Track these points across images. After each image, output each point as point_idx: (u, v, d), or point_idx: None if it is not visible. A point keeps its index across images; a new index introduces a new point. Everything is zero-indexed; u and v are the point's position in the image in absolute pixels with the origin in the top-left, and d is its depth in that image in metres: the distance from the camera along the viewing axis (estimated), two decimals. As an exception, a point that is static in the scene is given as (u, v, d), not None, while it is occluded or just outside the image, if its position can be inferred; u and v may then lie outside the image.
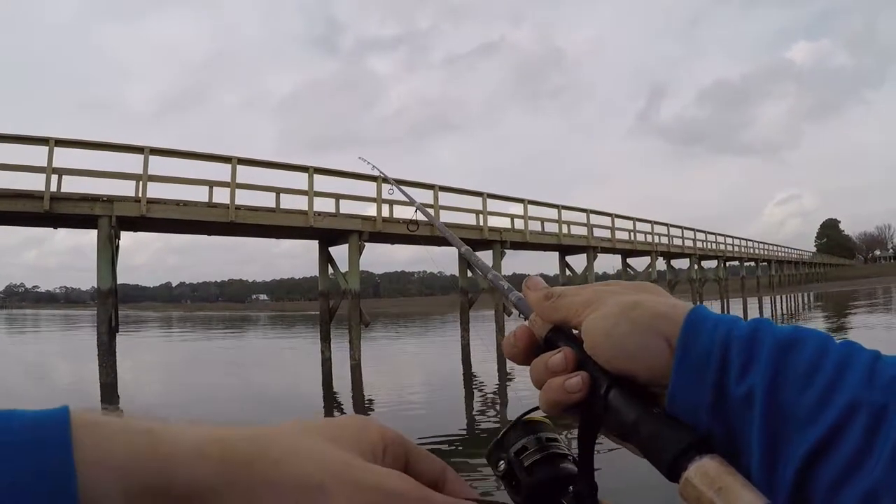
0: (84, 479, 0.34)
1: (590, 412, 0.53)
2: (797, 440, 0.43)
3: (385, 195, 19.53)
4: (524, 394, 13.63)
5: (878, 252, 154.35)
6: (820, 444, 0.42)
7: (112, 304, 14.84)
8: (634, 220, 34.07)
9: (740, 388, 0.46)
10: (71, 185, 15.21)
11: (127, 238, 18.54)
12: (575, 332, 0.57)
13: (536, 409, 0.60)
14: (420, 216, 1.46)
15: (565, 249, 28.70)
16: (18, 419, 0.35)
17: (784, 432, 0.44)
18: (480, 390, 14.85)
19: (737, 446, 0.45)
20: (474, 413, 12.02)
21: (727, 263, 48.73)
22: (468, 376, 17.35)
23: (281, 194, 18.52)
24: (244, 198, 17.45)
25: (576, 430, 0.55)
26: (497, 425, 10.78)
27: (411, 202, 1.51)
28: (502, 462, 0.58)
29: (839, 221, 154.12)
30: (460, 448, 8.88)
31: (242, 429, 0.42)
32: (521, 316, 0.64)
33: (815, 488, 0.42)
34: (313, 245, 21.05)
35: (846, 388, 0.43)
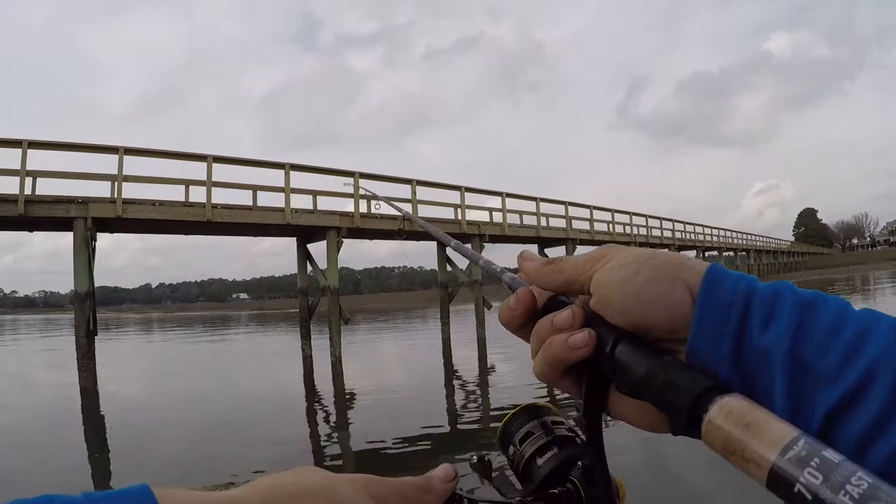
0: None
1: (595, 374, 0.52)
2: (820, 397, 0.43)
3: (373, 207, 19.61)
4: (506, 386, 13.72)
5: (855, 241, 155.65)
6: (843, 403, 0.42)
7: (90, 307, 14.72)
8: (613, 211, 34.20)
9: (762, 340, 0.46)
10: (46, 187, 15.09)
11: (105, 240, 18.46)
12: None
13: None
14: (407, 221, 1.45)
15: (544, 242, 28.72)
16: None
17: (806, 388, 0.44)
18: (462, 384, 14.86)
19: (756, 400, 0.43)
20: (456, 408, 12.03)
21: (706, 253, 49.03)
22: (449, 370, 17.37)
23: (258, 192, 18.45)
24: (221, 196, 17.37)
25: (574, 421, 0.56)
26: (479, 419, 10.83)
27: (401, 213, 1.50)
28: (511, 447, 0.59)
29: (817, 211, 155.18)
30: (443, 443, 8.90)
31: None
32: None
33: (840, 445, 0.41)
34: (293, 243, 21.02)
35: (868, 349, 0.43)
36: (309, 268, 20.67)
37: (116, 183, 15.45)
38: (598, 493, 0.53)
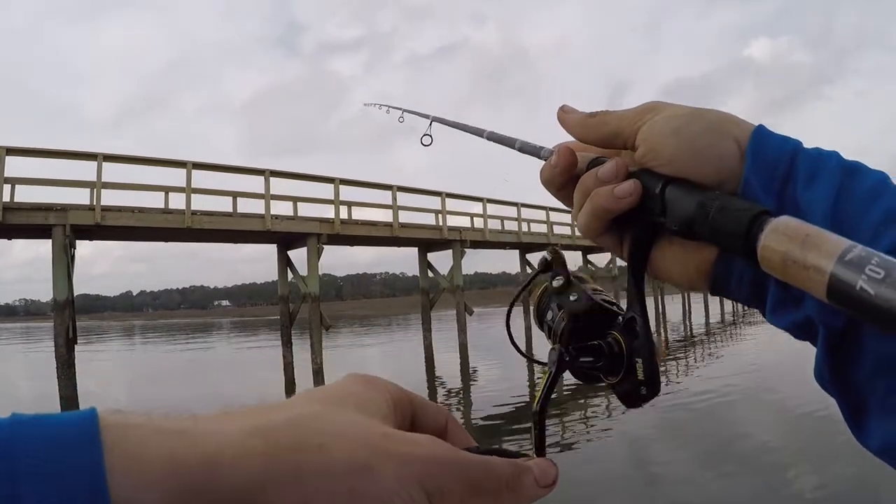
0: (117, 489, 0.31)
1: (641, 226, 0.53)
2: None
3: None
4: (489, 391, 13.75)
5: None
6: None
7: (69, 316, 14.58)
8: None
9: (806, 195, 0.47)
10: (24, 194, 14.98)
11: (86, 247, 18.35)
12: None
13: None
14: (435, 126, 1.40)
15: (526, 247, 28.72)
16: (43, 425, 0.32)
17: None
18: (444, 390, 14.88)
19: None
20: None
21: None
22: (431, 376, 17.38)
23: (238, 198, 18.38)
24: (201, 203, 17.33)
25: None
26: (461, 423, 10.83)
27: (428, 117, 1.44)
28: (549, 313, 0.58)
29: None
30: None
31: (276, 411, 0.39)
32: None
33: None
34: (274, 249, 20.91)
35: None
36: (290, 274, 20.57)
37: (95, 190, 15.33)
38: (639, 346, 0.52)
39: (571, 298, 0.56)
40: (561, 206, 0.63)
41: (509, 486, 0.41)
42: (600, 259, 35.12)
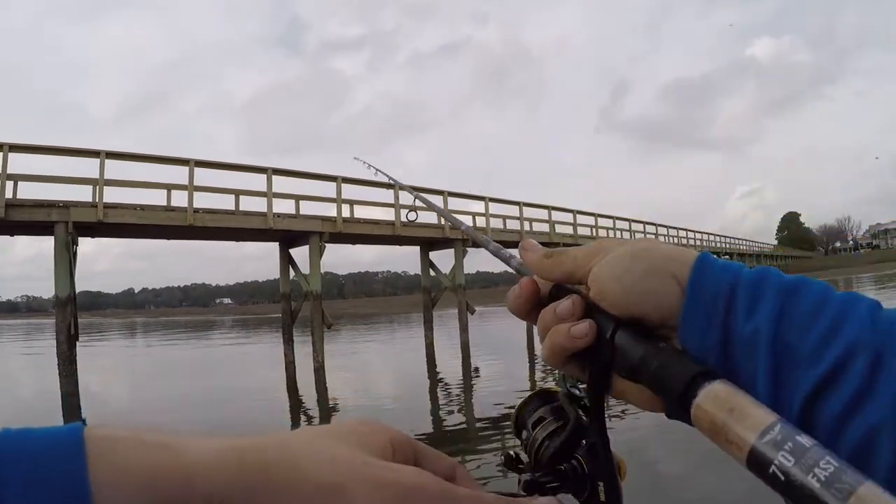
0: (100, 497, 0.34)
1: (598, 359, 0.54)
2: (801, 377, 0.45)
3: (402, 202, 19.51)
4: (490, 390, 13.73)
5: (838, 244, 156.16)
6: (823, 381, 0.44)
7: (71, 312, 14.62)
8: (596, 215, 34.28)
9: (747, 326, 0.48)
10: (27, 191, 15.03)
11: (88, 244, 18.38)
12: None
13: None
14: (419, 203, 1.44)
15: (528, 246, 28.60)
16: (30, 439, 0.35)
17: (788, 369, 0.46)
18: (445, 389, 14.87)
19: (743, 385, 0.45)
20: (440, 412, 12.04)
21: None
22: (433, 375, 17.38)
23: (240, 196, 18.42)
24: (203, 201, 17.34)
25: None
26: (464, 421, 10.84)
27: (431, 207, 1.48)
28: (525, 432, 0.60)
29: (800, 214, 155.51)
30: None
31: (258, 437, 0.42)
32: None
33: (820, 422, 0.44)
34: (276, 247, 20.91)
35: (848, 329, 0.45)
36: (292, 272, 20.57)
37: (98, 187, 15.38)
38: (601, 469, 0.55)
39: (543, 434, 0.59)
40: (564, 205, 0.65)
41: None
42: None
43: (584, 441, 0.57)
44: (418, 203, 1.39)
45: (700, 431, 0.44)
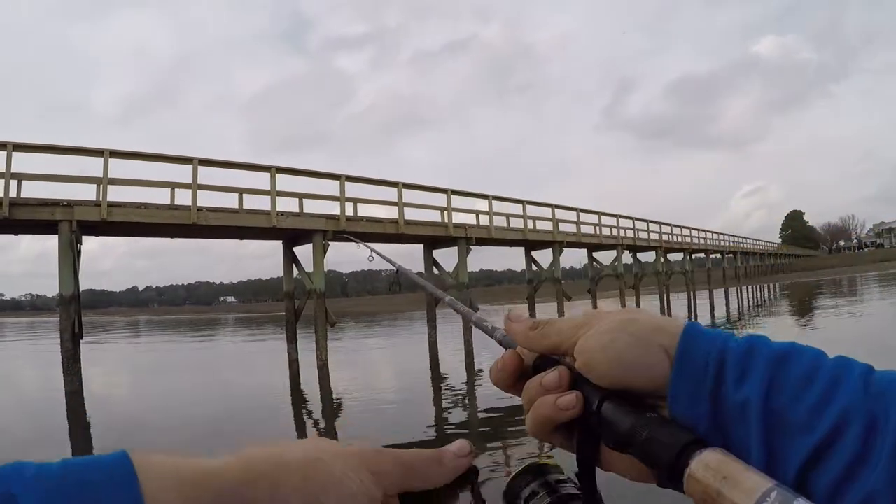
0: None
1: (586, 430, 0.54)
2: (795, 446, 0.45)
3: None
4: (494, 390, 13.72)
5: (842, 242, 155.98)
6: (817, 450, 0.44)
7: (75, 311, 14.62)
8: (600, 214, 34.23)
9: (737, 396, 0.47)
10: (31, 190, 15.03)
11: (93, 242, 18.41)
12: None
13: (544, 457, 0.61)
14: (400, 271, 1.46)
15: (531, 245, 28.75)
16: (83, 469, 0.40)
17: (781, 439, 0.45)
18: (449, 389, 14.86)
19: (735, 452, 0.45)
20: (443, 413, 12.02)
21: (693, 256, 49.18)
22: (436, 375, 17.36)
23: (244, 195, 18.38)
24: (207, 199, 17.31)
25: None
26: (466, 421, 10.83)
27: (394, 265, 1.51)
28: None
29: (804, 213, 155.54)
30: (432, 446, 8.88)
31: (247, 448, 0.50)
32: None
33: (816, 491, 0.44)
34: (279, 246, 20.90)
35: (841, 396, 0.45)
36: (295, 271, 20.57)
37: (102, 186, 15.36)
38: None
39: None
40: (567, 203, 0.64)
41: (435, 462, 0.53)
42: (606, 257, 35.17)
43: None
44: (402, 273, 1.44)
45: (694, 500, 0.44)
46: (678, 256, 46.07)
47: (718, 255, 57.84)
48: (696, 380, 0.49)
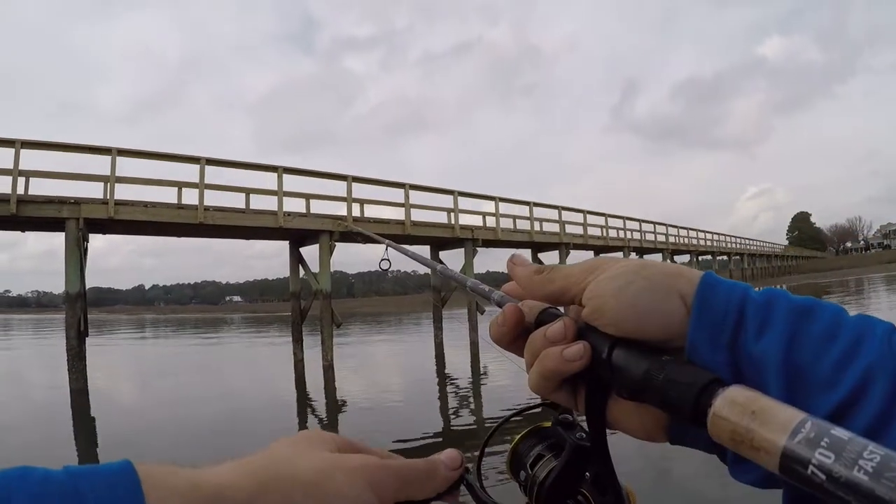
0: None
1: (595, 382, 0.52)
2: (817, 403, 0.43)
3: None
4: (501, 388, 13.70)
5: (849, 244, 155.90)
6: (840, 408, 0.42)
7: (81, 308, 14.66)
8: (606, 216, 34.26)
9: (757, 347, 0.46)
10: (38, 187, 15.03)
11: (99, 240, 18.45)
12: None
13: (537, 406, 0.61)
14: (391, 253, 1.44)
15: (538, 246, 28.73)
16: (89, 478, 0.39)
17: (802, 394, 0.44)
18: (455, 388, 14.86)
19: None
20: (449, 412, 12.01)
21: (700, 258, 49.13)
22: (442, 374, 17.37)
23: (251, 195, 18.45)
24: (214, 199, 17.34)
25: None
26: (473, 421, 10.82)
27: (384, 242, 1.49)
28: (522, 472, 0.57)
29: (810, 214, 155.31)
30: (438, 448, 8.88)
31: (255, 455, 0.50)
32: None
33: None
34: (286, 246, 20.97)
35: (864, 354, 0.43)
36: (301, 271, 20.61)
37: (109, 184, 15.42)
38: (609, 502, 0.52)
39: (543, 473, 0.56)
40: (574, 204, 0.61)
41: (428, 475, 0.55)
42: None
43: (587, 473, 0.54)
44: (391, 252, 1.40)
45: (721, 442, 0.41)
46: (685, 258, 46.01)
47: (725, 257, 57.71)
48: (714, 329, 0.48)
